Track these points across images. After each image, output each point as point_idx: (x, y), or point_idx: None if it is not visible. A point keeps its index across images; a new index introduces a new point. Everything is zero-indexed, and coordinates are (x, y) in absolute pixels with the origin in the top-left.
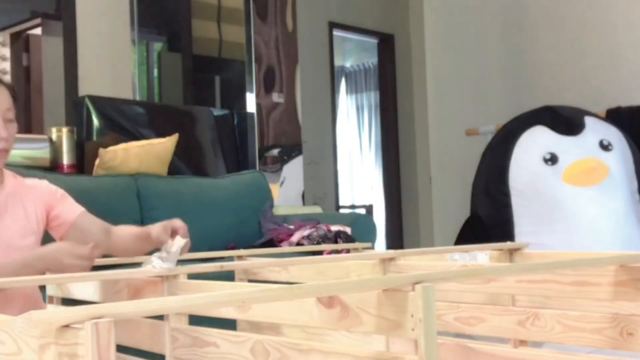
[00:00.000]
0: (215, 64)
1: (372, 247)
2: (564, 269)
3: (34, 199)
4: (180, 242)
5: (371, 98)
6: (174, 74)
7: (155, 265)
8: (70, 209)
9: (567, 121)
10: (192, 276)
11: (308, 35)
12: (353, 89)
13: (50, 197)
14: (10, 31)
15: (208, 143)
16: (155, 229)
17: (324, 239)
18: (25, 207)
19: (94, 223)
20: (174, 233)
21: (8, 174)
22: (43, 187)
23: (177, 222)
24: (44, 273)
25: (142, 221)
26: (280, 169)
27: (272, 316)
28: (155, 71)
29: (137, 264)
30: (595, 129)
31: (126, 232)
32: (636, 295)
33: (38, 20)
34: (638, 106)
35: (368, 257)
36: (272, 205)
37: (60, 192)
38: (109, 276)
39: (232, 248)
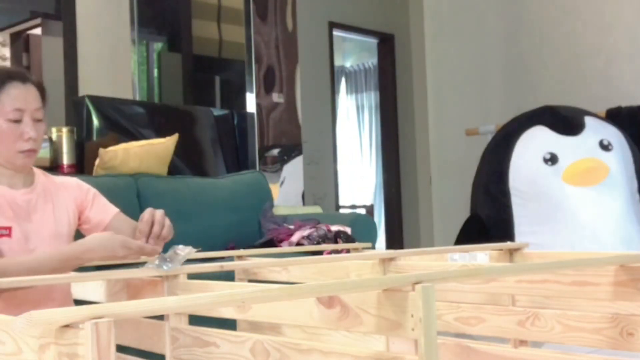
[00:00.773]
0: (215, 64)
1: (372, 247)
2: (564, 269)
3: (65, 197)
4: (188, 250)
5: (371, 98)
6: (174, 74)
7: (158, 265)
8: (104, 211)
9: (567, 121)
10: (192, 276)
11: (308, 35)
12: (353, 89)
13: (82, 196)
14: (10, 31)
15: (208, 143)
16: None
17: (324, 239)
18: (55, 206)
19: (127, 223)
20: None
21: (38, 173)
22: (74, 185)
23: (146, 213)
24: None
25: None
26: (280, 169)
27: (272, 316)
28: (155, 71)
29: (137, 264)
30: (595, 129)
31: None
32: (636, 295)
33: (38, 20)
34: (638, 106)
35: (368, 257)
36: (272, 205)
37: (93, 191)
38: (109, 276)
39: (232, 248)
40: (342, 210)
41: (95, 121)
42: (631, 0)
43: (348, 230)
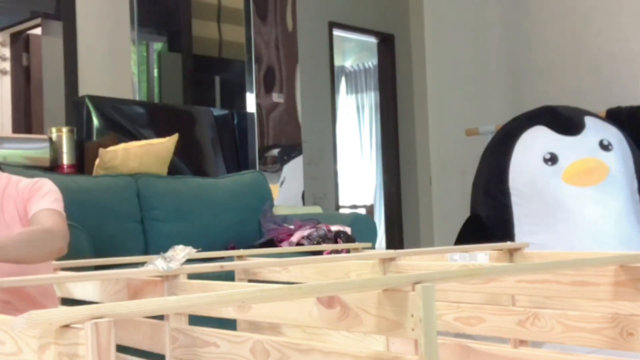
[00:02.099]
0: (215, 64)
1: (372, 247)
2: (564, 269)
3: (16, 201)
4: (188, 250)
5: (371, 98)
6: (174, 74)
7: (158, 265)
8: (36, 205)
9: (567, 121)
10: (192, 276)
11: (308, 35)
12: (353, 89)
13: (28, 193)
14: (10, 31)
15: (208, 143)
16: None
17: (324, 239)
18: (4, 211)
19: (36, 223)
20: None
21: (2, 177)
22: (29, 185)
23: None
24: None
25: (142, 221)
26: (280, 169)
27: (272, 316)
28: (155, 71)
29: (137, 264)
30: (595, 129)
31: None
32: (636, 295)
33: (38, 20)
34: (638, 106)
35: (368, 257)
36: (272, 205)
37: (39, 186)
38: (109, 276)
39: (232, 248)
40: (342, 210)
41: (95, 121)
42: (631, 1)
43: (348, 230)
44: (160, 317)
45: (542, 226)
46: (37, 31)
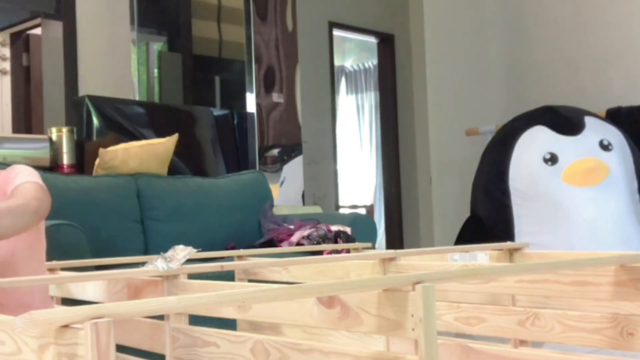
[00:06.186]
0: (215, 64)
1: (372, 247)
2: (564, 269)
3: None
4: (188, 250)
5: (371, 98)
6: (174, 74)
7: (158, 265)
8: (12, 185)
9: (567, 121)
10: (192, 276)
11: (308, 35)
12: (353, 89)
13: (5, 180)
14: (10, 31)
15: (208, 143)
16: None
17: (324, 239)
18: None
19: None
20: None
21: None
22: (6, 174)
23: None
24: None
25: (142, 221)
26: (280, 169)
27: (272, 316)
28: (155, 71)
29: (137, 264)
30: (595, 129)
31: None
32: (636, 295)
33: (38, 20)
34: (638, 106)
35: (368, 257)
36: (272, 205)
37: (18, 171)
38: (109, 276)
39: (232, 248)
40: (342, 210)
41: (95, 121)
42: (631, 1)
43: (348, 230)
44: (160, 317)
45: (542, 226)
46: (37, 31)
